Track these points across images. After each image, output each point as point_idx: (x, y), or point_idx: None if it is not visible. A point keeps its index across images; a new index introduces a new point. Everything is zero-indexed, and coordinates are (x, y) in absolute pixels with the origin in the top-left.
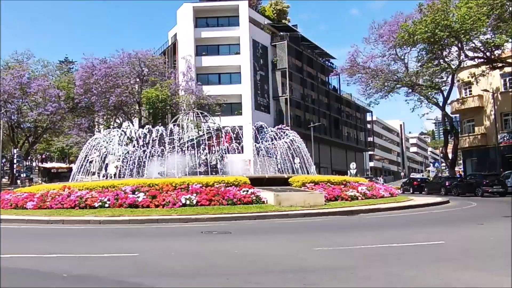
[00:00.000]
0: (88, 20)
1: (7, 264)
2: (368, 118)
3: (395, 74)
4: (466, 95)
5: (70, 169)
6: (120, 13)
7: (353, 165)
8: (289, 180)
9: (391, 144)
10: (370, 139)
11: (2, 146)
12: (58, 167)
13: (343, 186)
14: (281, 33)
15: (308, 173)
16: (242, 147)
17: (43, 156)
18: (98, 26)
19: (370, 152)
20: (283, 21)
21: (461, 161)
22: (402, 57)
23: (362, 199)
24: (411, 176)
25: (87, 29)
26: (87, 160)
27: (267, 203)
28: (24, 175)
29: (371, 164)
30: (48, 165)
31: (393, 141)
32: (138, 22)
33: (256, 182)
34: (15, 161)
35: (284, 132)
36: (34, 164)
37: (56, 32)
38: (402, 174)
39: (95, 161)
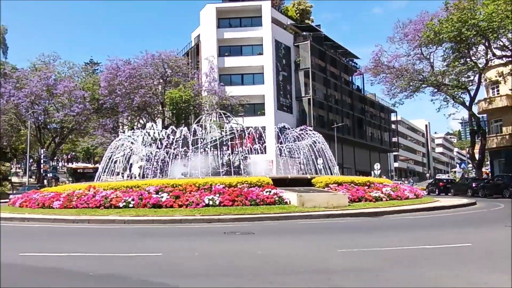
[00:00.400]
0: (112, 22)
1: (34, 262)
2: (393, 118)
3: (420, 74)
4: (494, 94)
5: (96, 169)
6: (144, 14)
7: (377, 166)
8: (312, 180)
9: (416, 144)
10: (394, 139)
11: (29, 147)
12: (84, 167)
13: (367, 187)
14: (304, 33)
15: (331, 174)
16: (265, 148)
17: (69, 156)
18: (122, 27)
19: (394, 153)
20: (306, 21)
21: (488, 162)
22: (428, 56)
23: (386, 200)
24: (436, 177)
25: (112, 30)
26: (112, 160)
27: (290, 203)
28: (51, 175)
29: (396, 164)
30: (74, 165)
31: (418, 141)
32: (162, 23)
33: (279, 182)
34: (42, 161)
35: (307, 133)
36: (60, 164)
37: (81, 34)
38: (428, 175)
39: (120, 162)
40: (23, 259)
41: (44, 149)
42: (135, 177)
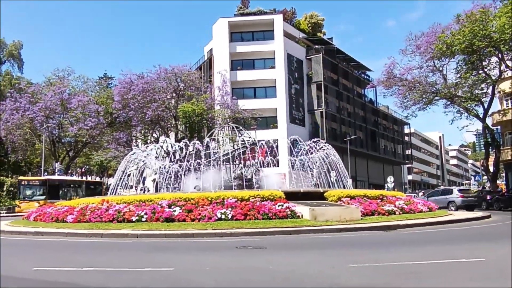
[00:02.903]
0: (126, 37)
1: (47, 277)
2: (406, 131)
3: (433, 86)
4: (508, 106)
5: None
6: (157, 29)
7: (390, 179)
8: (324, 194)
9: (430, 156)
10: (408, 152)
11: (44, 160)
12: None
13: (379, 200)
14: (316, 46)
15: (344, 187)
16: (277, 161)
17: (83, 170)
18: (136, 42)
19: (408, 165)
20: (318, 34)
21: (503, 174)
22: (440, 69)
23: (399, 213)
24: None
25: (125, 45)
26: (126, 173)
27: (302, 217)
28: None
29: (410, 177)
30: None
31: (432, 153)
32: (175, 38)
33: (291, 196)
34: (56, 175)
35: (319, 146)
36: (74, 177)
37: (95, 48)
38: (442, 187)
39: (133, 175)
40: (36, 274)
41: (59, 163)
42: (148, 191)
